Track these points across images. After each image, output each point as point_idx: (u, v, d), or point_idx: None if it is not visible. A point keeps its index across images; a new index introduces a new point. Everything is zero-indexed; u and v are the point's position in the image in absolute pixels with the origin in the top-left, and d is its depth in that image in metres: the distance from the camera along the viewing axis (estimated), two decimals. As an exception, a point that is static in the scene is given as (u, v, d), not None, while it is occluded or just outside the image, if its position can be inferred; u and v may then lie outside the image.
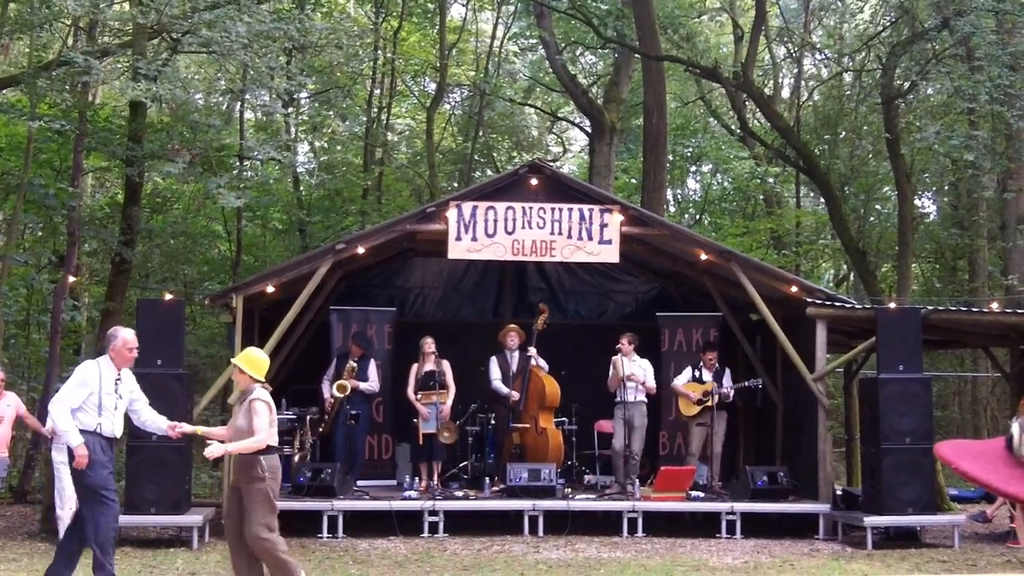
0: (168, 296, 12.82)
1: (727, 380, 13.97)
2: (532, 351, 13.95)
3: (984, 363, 21.56)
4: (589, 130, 24.95)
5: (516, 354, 14.12)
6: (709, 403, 13.72)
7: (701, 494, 13.21)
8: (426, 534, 12.22)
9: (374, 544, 11.71)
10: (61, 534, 11.63)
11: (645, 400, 13.66)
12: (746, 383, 14.09)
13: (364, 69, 23.54)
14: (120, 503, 11.91)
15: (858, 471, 15.52)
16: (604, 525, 12.76)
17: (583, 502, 12.84)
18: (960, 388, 25.07)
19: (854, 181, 23.71)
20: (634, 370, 13.56)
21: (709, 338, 14.93)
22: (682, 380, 14.13)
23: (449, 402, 13.62)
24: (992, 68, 15.67)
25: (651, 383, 13.75)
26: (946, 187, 25.68)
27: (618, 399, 13.69)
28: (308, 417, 13.91)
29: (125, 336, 8.79)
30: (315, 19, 17.80)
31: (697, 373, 14.08)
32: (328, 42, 17.50)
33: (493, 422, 14.15)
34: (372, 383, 13.93)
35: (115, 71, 18.64)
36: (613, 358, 13.68)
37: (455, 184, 25.87)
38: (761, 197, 28.87)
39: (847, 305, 13.30)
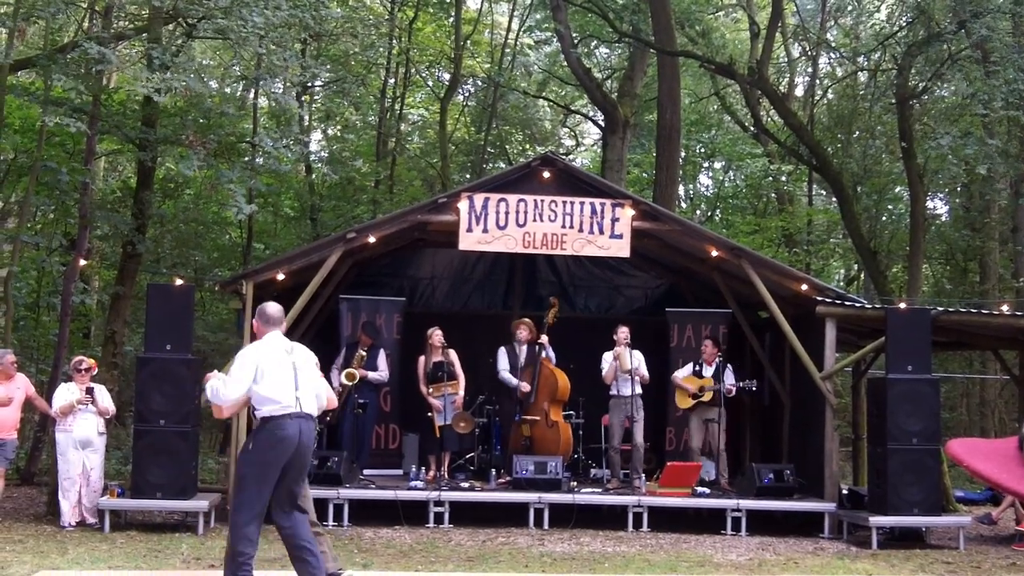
0: (178, 281, 12.83)
1: (729, 376, 13.90)
2: (544, 339, 13.94)
3: (993, 365, 21.53)
4: (602, 124, 24.93)
5: (525, 347, 14.12)
6: (704, 398, 13.70)
7: (707, 490, 13.20)
8: (431, 524, 12.23)
9: (379, 533, 11.72)
10: (64, 517, 11.70)
11: (641, 393, 13.63)
12: (741, 384, 14.02)
13: (378, 58, 23.54)
14: (126, 488, 12.03)
15: (864, 471, 15.49)
16: (609, 519, 12.76)
17: (588, 496, 12.85)
18: (968, 390, 25.03)
19: (866, 181, 23.66)
20: (635, 363, 13.52)
21: (717, 335, 14.87)
22: (682, 374, 14.10)
23: (461, 392, 13.66)
24: (1008, 71, 15.61)
25: (645, 373, 13.70)
26: (958, 189, 25.62)
27: (614, 392, 13.67)
28: (316, 405, 13.91)
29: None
30: (331, 7, 17.79)
31: (698, 368, 14.05)
32: (344, 31, 17.51)
33: (499, 415, 14.18)
34: (381, 372, 13.94)
35: (130, 58, 18.67)
36: (614, 350, 13.61)
37: (467, 175, 25.86)
38: (773, 195, 28.86)
39: (857, 304, 13.27)
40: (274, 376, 7.51)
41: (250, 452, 7.49)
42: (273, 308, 7.91)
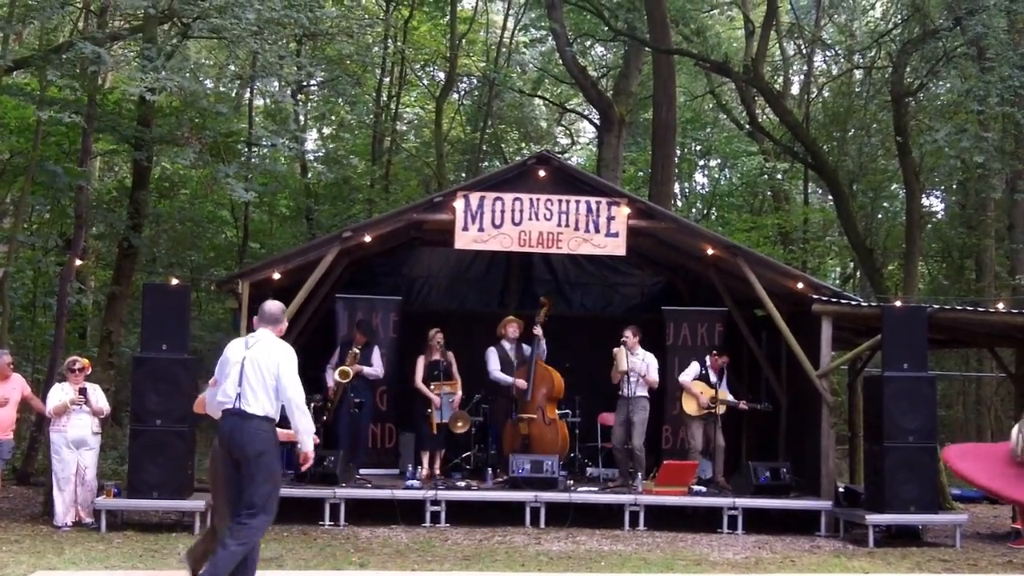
0: (174, 281, 12.82)
1: (724, 384, 13.92)
2: (538, 330, 13.91)
3: (989, 363, 21.53)
4: (598, 122, 24.92)
5: (515, 345, 14.13)
6: (714, 411, 13.70)
7: (703, 488, 13.20)
8: (428, 523, 12.22)
9: (375, 532, 11.72)
10: (59, 517, 11.68)
11: (646, 395, 13.60)
12: (759, 406, 14.06)
13: (374, 58, 23.52)
14: (122, 487, 12.02)
15: (861, 469, 15.50)
16: (606, 518, 12.75)
17: (585, 494, 12.85)
18: (965, 388, 25.05)
19: (862, 178, 23.68)
20: (635, 363, 13.51)
21: (715, 341, 14.85)
22: (690, 376, 14.02)
23: (459, 392, 13.74)
24: (1003, 68, 15.60)
25: (653, 377, 13.66)
26: (954, 186, 25.64)
27: (620, 392, 13.67)
28: (312, 404, 13.89)
29: None
30: (326, 6, 17.76)
31: (704, 372, 14.03)
32: (339, 30, 17.49)
33: (490, 413, 14.21)
34: (376, 368, 13.90)
35: (124, 58, 18.63)
36: (615, 349, 13.64)
37: (463, 174, 25.85)
38: (769, 193, 28.86)
39: (853, 302, 13.28)
40: (224, 374, 7.59)
41: None
42: (266, 305, 7.95)
